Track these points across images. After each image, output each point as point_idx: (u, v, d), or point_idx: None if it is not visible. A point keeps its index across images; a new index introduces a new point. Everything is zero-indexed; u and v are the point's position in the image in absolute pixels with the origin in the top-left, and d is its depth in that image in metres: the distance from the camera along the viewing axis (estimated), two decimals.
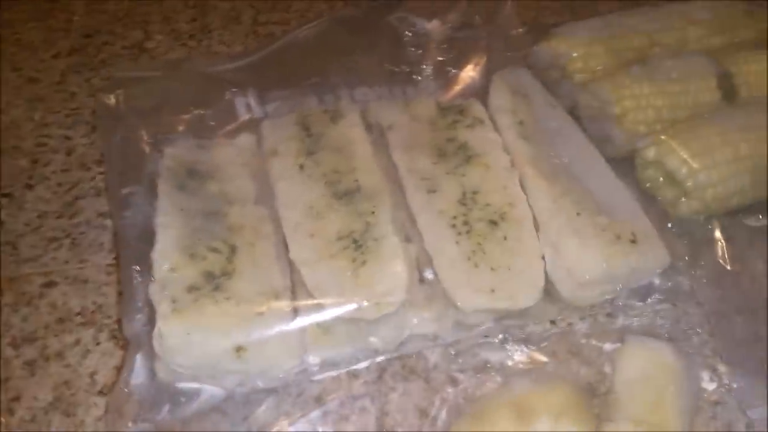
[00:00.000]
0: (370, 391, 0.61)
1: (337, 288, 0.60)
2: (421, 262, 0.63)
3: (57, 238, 0.75)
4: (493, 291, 0.60)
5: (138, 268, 0.63)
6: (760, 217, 0.70)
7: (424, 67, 0.78)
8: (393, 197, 0.66)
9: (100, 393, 0.63)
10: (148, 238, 0.63)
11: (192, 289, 0.59)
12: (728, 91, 0.74)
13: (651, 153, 0.68)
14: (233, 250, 0.62)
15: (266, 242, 0.64)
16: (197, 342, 0.57)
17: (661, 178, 0.70)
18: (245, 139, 0.73)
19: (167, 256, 0.61)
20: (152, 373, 0.59)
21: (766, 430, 0.57)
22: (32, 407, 0.61)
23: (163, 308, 0.58)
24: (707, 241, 0.68)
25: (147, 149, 0.74)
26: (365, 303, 0.59)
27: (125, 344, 0.63)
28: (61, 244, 0.75)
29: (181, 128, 0.76)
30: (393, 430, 0.59)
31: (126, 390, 0.59)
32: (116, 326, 0.67)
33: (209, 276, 0.60)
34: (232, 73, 0.81)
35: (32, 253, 0.74)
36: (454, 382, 0.61)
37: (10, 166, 0.82)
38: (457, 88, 0.78)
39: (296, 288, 0.61)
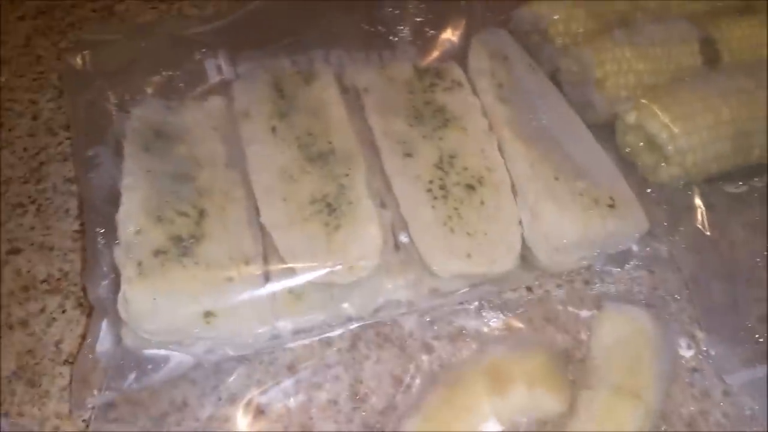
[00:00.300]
0: (343, 359, 0.60)
1: (309, 252, 0.58)
2: (397, 228, 0.62)
3: (22, 204, 0.73)
4: (469, 256, 0.59)
5: (102, 231, 0.61)
6: (740, 183, 0.69)
7: (402, 28, 0.76)
8: (368, 161, 0.64)
9: (66, 362, 0.61)
10: (114, 201, 0.61)
11: (158, 252, 0.57)
12: (710, 57, 0.73)
13: (632, 117, 0.67)
14: (202, 213, 0.61)
15: (237, 206, 0.62)
16: (164, 307, 0.55)
17: (641, 144, 0.68)
18: (215, 102, 0.71)
19: (133, 218, 0.59)
20: (118, 340, 0.57)
21: (743, 396, 0.57)
22: None
23: (128, 272, 0.56)
24: (686, 207, 0.67)
25: (114, 111, 0.71)
26: (338, 267, 0.57)
27: (91, 311, 0.61)
28: (27, 210, 0.73)
29: (149, 90, 0.73)
30: (367, 398, 0.58)
31: (91, 357, 0.57)
32: (82, 294, 0.65)
33: (177, 240, 0.58)
34: (204, 36, 0.78)
35: None
36: (429, 349, 0.60)
37: None
38: (436, 51, 0.75)
39: (268, 253, 0.59)
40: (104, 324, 0.58)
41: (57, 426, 0.57)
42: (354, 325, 0.61)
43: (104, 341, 0.58)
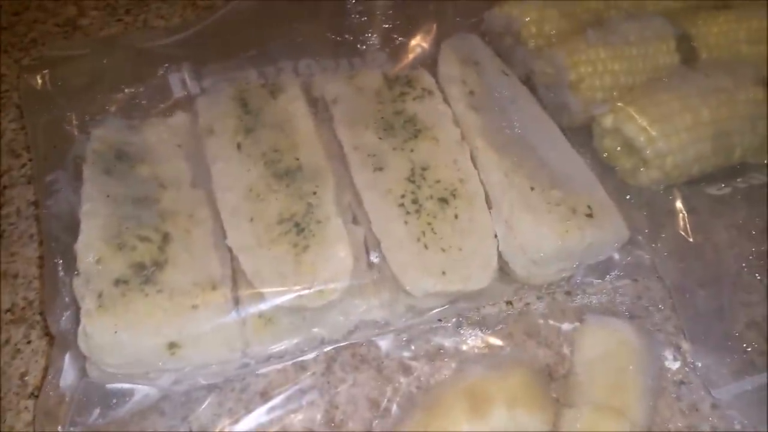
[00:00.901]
0: (318, 383, 0.58)
1: (278, 275, 0.56)
2: (369, 245, 0.59)
3: None
4: (443, 273, 0.57)
5: (62, 261, 0.59)
6: (722, 185, 0.67)
7: (370, 35, 0.74)
8: (337, 176, 0.62)
9: (31, 395, 0.59)
10: (73, 228, 0.59)
11: (119, 282, 0.55)
12: (688, 54, 0.71)
13: (608, 121, 0.65)
14: (166, 238, 0.58)
15: (203, 228, 0.60)
16: (126, 340, 0.53)
17: (619, 147, 0.67)
18: (179, 118, 0.69)
19: (92, 247, 0.56)
20: (83, 373, 0.55)
21: (731, 410, 0.55)
22: None
23: (87, 304, 0.53)
24: (668, 212, 0.65)
25: (75, 132, 0.69)
26: (307, 290, 0.55)
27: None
28: None
29: (112, 109, 0.72)
30: (343, 424, 0.56)
31: (52, 393, 0.55)
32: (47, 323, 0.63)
33: (139, 267, 0.56)
34: (168, 48, 0.77)
35: None
36: (406, 370, 0.58)
37: None
38: (406, 57, 0.73)
39: (238, 276, 0.57)
40: (67, 357, 0.56)
41: None
42: (328, 348, 0.59)
43: (68, 375, 0.56)
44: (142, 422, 0.56)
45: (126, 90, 0.73)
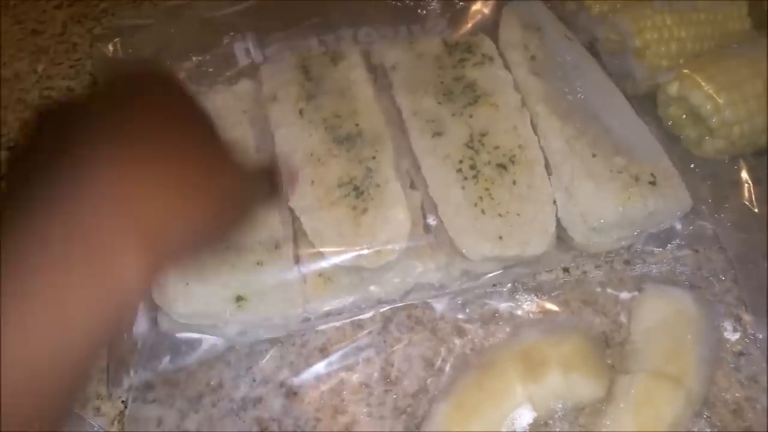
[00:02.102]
0: (375, 342, 0.60)
1: (337, 236, 0.58)
2: (427, 210, 0.60)
3: None
4: (500, 238, 0.57)
5: None
6: None
7: (430, 1, 0.73)
8: (396, 141, 0.63)
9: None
10: None
11: None
12: (762, 19, 0.67)
13: (674, 88, 0.63)
14: None
15: None
16: (196, 292, 0.56)
17: (685, 116, 0.65)
18: (244, 86, 0.70)
19: None
20: (154, 323, 0.59)
21: None
22: None
23: None
24: (733, 182, 0.63)
25: None
26: (366, 251, 0.57)
27: None
28: None
29: (181, 75, 0.74)
30: (398, 381, 0.57)
31: (127, 338, 0.58)
32: None
33: None
34: (233, 17, 0.78)
35: None
36: (461, 332, 0.59)
37: (14, 120, 0.81)
38: (467, 23, 0.73)
39: (298, 236, 0.59)
40: (140, 308, 0.59)
41: (98, 406, 0.59)
42: (385, 308, 0.61)
43: (140, 325, 0.59)
44: (209, 371, 0.59)
45: (193, 58, 0.75)
